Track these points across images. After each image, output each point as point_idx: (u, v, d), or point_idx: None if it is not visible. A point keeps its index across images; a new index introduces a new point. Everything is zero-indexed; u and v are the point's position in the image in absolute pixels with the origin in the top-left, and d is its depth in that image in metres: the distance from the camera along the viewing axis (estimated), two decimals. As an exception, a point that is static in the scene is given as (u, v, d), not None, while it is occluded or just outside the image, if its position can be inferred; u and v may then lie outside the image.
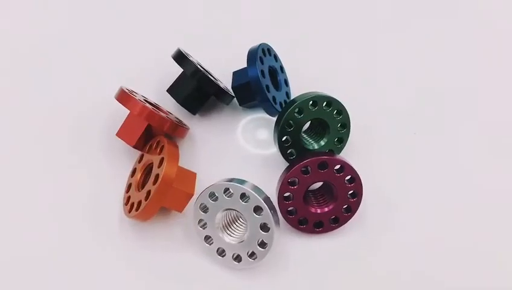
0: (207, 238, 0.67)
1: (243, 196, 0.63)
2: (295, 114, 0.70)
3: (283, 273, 0.69)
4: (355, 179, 0.67)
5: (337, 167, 0.67)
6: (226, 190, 0.64)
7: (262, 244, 0.64)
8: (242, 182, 0.65)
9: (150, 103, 0.75)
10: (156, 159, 0.67)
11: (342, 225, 0.70)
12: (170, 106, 0.81)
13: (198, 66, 0.75)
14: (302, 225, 0.69)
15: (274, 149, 0.77)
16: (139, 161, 0.72)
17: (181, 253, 0.70)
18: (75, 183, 0.76)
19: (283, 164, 0.75)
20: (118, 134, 0.72)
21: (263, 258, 0.65)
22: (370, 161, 0.75)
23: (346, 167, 0.66)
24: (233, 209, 0.65)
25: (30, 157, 0.78)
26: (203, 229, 0.67)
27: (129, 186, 0.71)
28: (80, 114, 0.81)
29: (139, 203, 0.66)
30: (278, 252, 0.69)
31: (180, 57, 0.75)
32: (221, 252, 0.67)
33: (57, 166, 0.77)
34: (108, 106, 0.79)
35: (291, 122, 0.70)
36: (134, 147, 0.72)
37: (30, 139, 0.79)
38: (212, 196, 0.65)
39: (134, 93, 0.73)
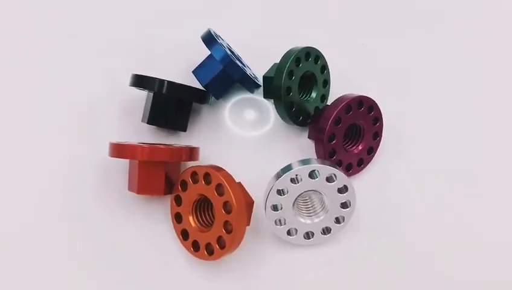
0: (289, 232, 0.66)
1: (311, 174, 0.63)
2: (289, 80, 0.69)
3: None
4: (374, 107, 0.70)
5: (356, 103, 0.68)
6: (293, 179, 0.63)
7: (345, 205, 0.66)
8: (289, 168, 0.64)
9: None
10: (207, 189, 0.62)
11: (375, 153, 0.73)
12: (149, 139, 0.74)
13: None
14: (349, 170, 0.71)
15: (270, 123, 0.76)
16: (178, 204, 0.65)
17: (266, 261, 0.70)
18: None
19: (286, 133, 0.75)
20: (139, 191, 0.65)
21: (350, 218, 0.66)
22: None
23: (363, 100, 0.69)
24: (305, 192, 0.64)
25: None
26: (283, 225, 0.65)
27: (183, 232, 0.65)
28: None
29: (219, 239, 0.61)
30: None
31: (141, 80, 0.68)
32: (308, 236, 0.67)
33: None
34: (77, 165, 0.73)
35: (288, 87, 0.70)
36: (164, 194, 0.65)
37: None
38: (279, 192, 0.63)
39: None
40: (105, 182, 0.72)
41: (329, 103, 0.75)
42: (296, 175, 0.63)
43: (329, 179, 0.63)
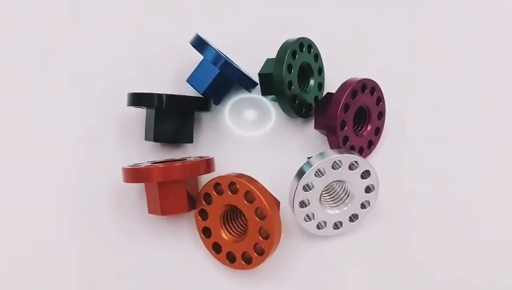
0: (319, 226, 0.66)
1: (334, 165, 0.63)
2: (289, 73, 0.68)
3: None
4: (376, 87, 0.71)
5: (360, 87, 0.68)
6: (317, 173, 0.62)
7: (369, 190, 0.66)
8: (309, 163, 0.64)
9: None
10: (235, 199, 0.61)
11: (381, 133, 0.74)
12: (154, 156, 0.72)
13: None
14: (361, 154, 0.72)
15: (272, 119, 0.75)
16: (204, 219, 0.64)
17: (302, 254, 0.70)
18: None
19: (290, 126, 0.75)
20: (163, 213, 0.63)
21: (375, 201, 0.67)
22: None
23: (366, 83, 0.69)
24: (331, 183, 0.64)
25: None
26: (312, 220, 0.65)
27: (215, 246, 0.64)
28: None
29: (256, 245, 0.61)
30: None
31: (140, 98, 0.66)
32: (337, 226, 0.67)
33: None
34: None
35: (289, 81, 0.69)
36: (188, 211, 0.64)
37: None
38: (305, 188, 0.63)
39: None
40: (119, 208, 0.70)
41: (326, 90, 0.76)
42: (319, 169, 0.62)
43: (351, 167, 0.63)
